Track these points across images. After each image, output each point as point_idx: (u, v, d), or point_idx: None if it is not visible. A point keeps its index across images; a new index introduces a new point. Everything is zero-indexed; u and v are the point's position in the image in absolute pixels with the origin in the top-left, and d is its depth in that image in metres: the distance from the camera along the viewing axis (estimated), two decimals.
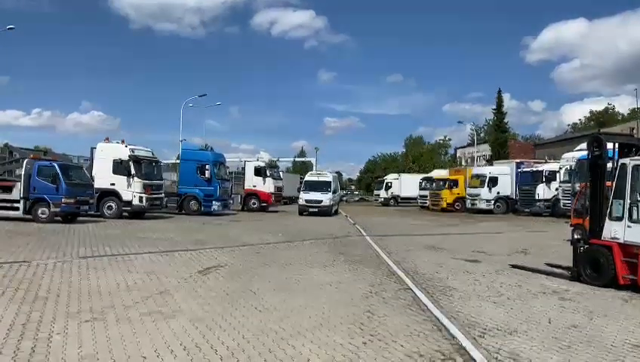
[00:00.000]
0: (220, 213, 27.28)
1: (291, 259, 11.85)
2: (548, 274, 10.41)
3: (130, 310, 6.51)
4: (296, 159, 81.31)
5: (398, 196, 51.81)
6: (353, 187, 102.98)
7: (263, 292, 7.92)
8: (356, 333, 5.90)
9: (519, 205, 34.54)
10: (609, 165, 22.80)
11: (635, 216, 8.87)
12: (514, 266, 11.30)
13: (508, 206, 35.91)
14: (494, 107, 63.07)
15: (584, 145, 32.71)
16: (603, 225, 9.43)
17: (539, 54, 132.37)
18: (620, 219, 9.10)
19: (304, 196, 30.42)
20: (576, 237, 10.76)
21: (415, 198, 48.05)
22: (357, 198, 75.59)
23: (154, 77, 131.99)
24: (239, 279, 9.03)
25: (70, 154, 29.95)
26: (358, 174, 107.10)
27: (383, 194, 53.26)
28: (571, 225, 17.32)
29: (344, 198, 60.95)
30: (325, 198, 29.85)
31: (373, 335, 5.85)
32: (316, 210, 29.16)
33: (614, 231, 9.16)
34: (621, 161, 9.27)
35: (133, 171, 21.63)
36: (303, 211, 29.71)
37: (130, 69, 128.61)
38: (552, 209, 31.20)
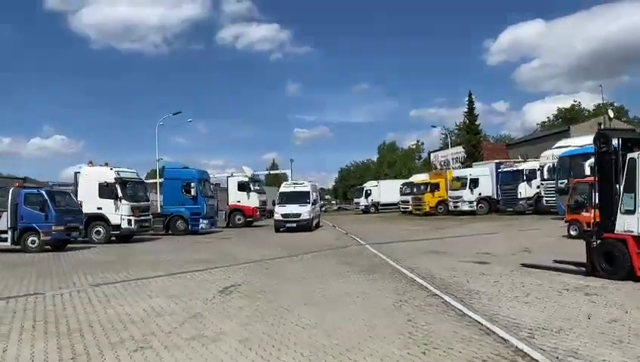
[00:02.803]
0: (207, 232, 26.93)
1: (303, 272, 11.77)
2: (561, 271, 10.55)
3: (173, 336, 6.34)
4: (272, 172, 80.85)
5: (378, 203, 52.17)
6: (328, 196, 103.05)
7: (294, 308, 7.82)
8: (409, 343, 5.87)
9: (502, 204, 35.12)
10: (591, 161, 23.19)
11: None
12: (525, 265, 11.42)
13: (490, 206, 36.49)
14: (466, 110, 63.99)
15: (562, 143, 33.68)
16: (614, 219, 9.63)
17: (499, 56, 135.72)
18: (632, 212, 9.29)
19: (280, 210, 26.24)
20: (587, 232, 10.92)
21: (395, 204, 48.42)
22: (336, 207, 75.67)
23: (117, 98, 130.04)
24: (263, 297, 8.89)
25: (38, 180, 29.20)
26: (334, 183, 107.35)
27: (363, 201, 53.56)
28: (566, 221, 17.75)
29: (323, 208, 61.02)
30: (304, 211, 25.90)
31: (427, 344, 5.82)
32: (294, 225, 25.40)
33: (627, 224, 9.34)
34: (629, 155, 9.47)
35: (120, 194, 21.22)
36: (280, 227, 25.80)
37: (93, 90, 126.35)
38: (535, 206, 31.87)
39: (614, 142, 10.02)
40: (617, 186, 9.76)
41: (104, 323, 7.10)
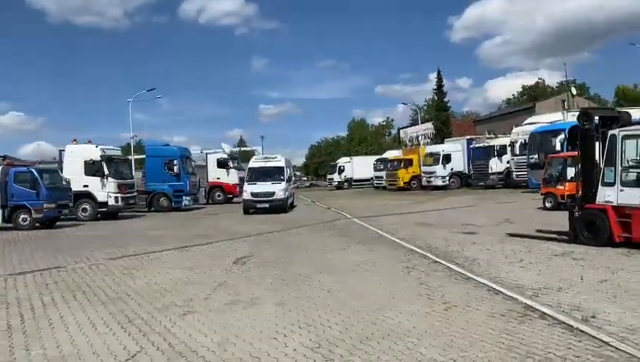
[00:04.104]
0: (190, 208, 27.20)
1: (306, 244, 12.38)
2: (545, 239, 11.44)
3: (211, 301, 6.87)
4: (242, 148, 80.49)
5: (351, 178, 52.97)
6: (299, 173, 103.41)
7: (313, 276, 8.41)
8: (430, 302, 6.56)
9: (473, 179, 36.36)
10: (561, 137, 24.30)
11: (626, 181, 10.00)
12: (511, 235, 12.27)
13: (461, 181, 37.75)
14: (435, 87, 65.43)
15: (531, 120, 34.91)
16: (595, 191, 10.51)
17: (463, 33, 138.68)
18: (612, 184, 10.18)
19: (250, 188, 22.47)
20: (570, 203, 11.77)
21: (368, 180, 49.45)
22: (307, 184, 76.27)
23: (76, 73, 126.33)
24: (278, 266, 9.46)
25: (18, 158, 28.82)
26: (303, 160, 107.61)
27: (336, 177, 54.28)
28: (542, 194, 18.80)
29: (295, 185, 61.44)
30: (278, 189, 22.13)
31: (446, 302, 6.52)
32: (267, 205, 21.67)
33: (607, 195, 10.24)
34: (610, 132, 10.31)
35: (106, 171, 21.29)
36: (249, 208, 22.15)
37: (50, 66, 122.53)
38: (505, 180, 33.16)
39: (596, 119, 10.87)
40: (598, 160, 10.64)
41: (140, 292, 7.56)
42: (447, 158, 37.81)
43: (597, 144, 10.75)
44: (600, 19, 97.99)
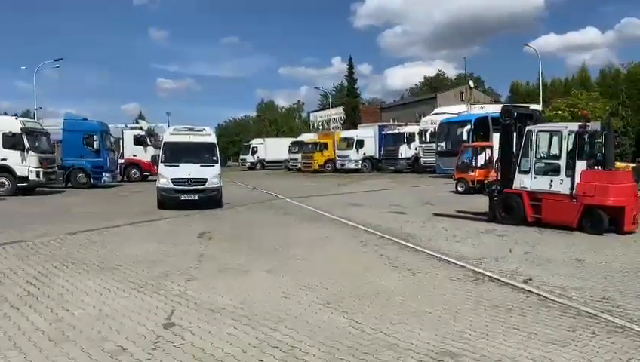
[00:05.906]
0: (109, 185, 26.64)
1: (256, 222, 13.18)
2: (467, 219, 13.13)
3: (203, 270, 7.55)
4: (151, 125, 77.65)
5: (264, 160, 53.64)
6: None
7: (284, 249, 9.29)
8: (397, 269, 7.75)
9: (384, 164, 38.55)
10: (468, 127, 26.52)
11: (538, 169, 11.80)
12: (437, 215, 13.83)
13: (373, 165, 39.82)
14: (346, 73, 67.56)
15: (440, 110, 37.46)
16: (512, 178, 12.26)
17: (366, 20, 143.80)
18: (527, 172, 11.96)
19: (169, 173, 15.57)
20: (490, 187, 13.41)
21: (280, 162, 50.39)
22: None
23: None
24: (243, 241, 10.20)
25: None
26: None
27: (249, 158, 54.62)
28: (454, 179, 20.80)
29: None
30: (212, 175, 15.74)
31: (410, 269, 7.73)
32: (196, 197, 15.31)
33: (523, 181, 12.02)
34: (528, 127, 12.07)
35: (27, 145, 20.43)
36: (168, 200, 15.54)
37: None
38: (413, 166, 35.57)
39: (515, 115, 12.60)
40: (515, 151, 12.38)
41: (127, 262, 8.02)
42: (360, 143, 39.65)
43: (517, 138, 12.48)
44: (489, 15, 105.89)
